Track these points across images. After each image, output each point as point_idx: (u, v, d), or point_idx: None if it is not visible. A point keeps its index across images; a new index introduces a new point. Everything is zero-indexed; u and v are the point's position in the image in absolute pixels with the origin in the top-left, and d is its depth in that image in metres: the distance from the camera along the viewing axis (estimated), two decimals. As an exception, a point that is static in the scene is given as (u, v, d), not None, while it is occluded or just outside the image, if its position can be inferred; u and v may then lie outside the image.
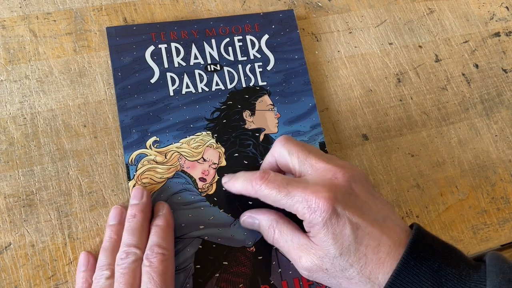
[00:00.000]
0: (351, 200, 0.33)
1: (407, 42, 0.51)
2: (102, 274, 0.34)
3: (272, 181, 0.34)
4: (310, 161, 0.35)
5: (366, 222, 0.32)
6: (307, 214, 0.33)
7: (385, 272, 0.31)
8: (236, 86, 0.44)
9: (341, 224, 0.32)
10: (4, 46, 0.43)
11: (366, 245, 0.32)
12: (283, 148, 0.36)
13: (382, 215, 0.34)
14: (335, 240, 0.32)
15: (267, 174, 0.35)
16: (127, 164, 0.40)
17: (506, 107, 0.50)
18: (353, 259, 0.32)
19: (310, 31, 0.49)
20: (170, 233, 0.36)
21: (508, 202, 0.46)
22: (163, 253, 0.34)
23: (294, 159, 0.36)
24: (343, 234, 0.32)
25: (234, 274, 0.38)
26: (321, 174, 0.34)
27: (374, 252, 0.32)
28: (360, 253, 0.32)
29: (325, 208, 0.32)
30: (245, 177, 0.36)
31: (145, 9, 0.46)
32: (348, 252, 0.32)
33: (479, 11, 0.54)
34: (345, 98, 0.47)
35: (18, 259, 0.37)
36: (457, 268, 0.31)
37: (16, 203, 0.38)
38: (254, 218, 0.37)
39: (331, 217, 0.32)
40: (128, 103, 0.42)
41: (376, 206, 0.34)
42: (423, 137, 0.47)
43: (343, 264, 0.32)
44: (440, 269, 0.31)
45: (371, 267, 0.32)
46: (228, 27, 0.46)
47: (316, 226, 0.32)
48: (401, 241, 0.32)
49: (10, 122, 0.40)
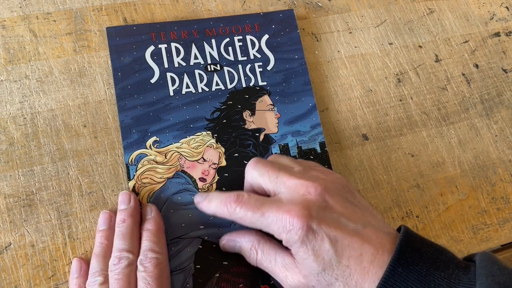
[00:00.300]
0: (326, 215, 0.33)
1: (407, 42, 0.51)
2: (96, 280, 0.34)
3: (246, 203, 0.34)
4: (281, 179, 0.35)
5: (345, 234, 0.32)
6: (283, 234, 0.32)
7: (371, 281, 0.31)
8: (236, 86, 0.44)
9: (319, 240, 0.32)
10: (4, 46, 0.43)
11: (348, 257, 0.31)
12: (254, 170, 0.36)
13: (362, 222, 0.33)
14: (316, 256, 0.32)
15: (241, 197, 0.34)
16: (127, 164, 0.40)
17: (506, 107, 0.50)
18: (337, 272, 0.31)
19: (310, 31, 0.49)
20: (162, 236, 0.36)
21: (508, 202, 0.46)
22: (157, 257, 0.34)
23: (266, 180, 0.35)
24: (323, 249, 0.32)
25: (234, 274, 0.38)
26: (294, 191, 0.34)
27: (357, 263, 0.31)
28: (343, 265, 0.31)
29: (300, 226, 0.32)
30: (219, 199, 0.35)
31: (145, 9, 0.46)
32: (331, 266, 0.31)
33: (479, 11, 0.54)
34: (345, 98, 0.47)
35: (18, 259, 0.37)
36: (446, 271, 0.31)
37: (16, 203, 0.38)
38: (235, 241, 0.37)
39: (307, 234, 0.32)
40: (128, 103, 0.42)
41: (354, 215, 0.33)
42: (423, 137, 0.47)
43: (328, 279, 0.32)
44: (428, 274, 0.30)
45: (356, 278, 0.31)
46: (228, 27, 0.46)
47: (294, 245, 0.32)
48: (385, 247, 0.32)
49: (10, 122, 0.40)
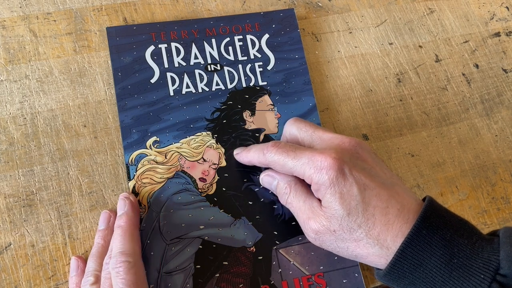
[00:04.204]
0: (358, 163, 0.34)
1: (407, 42, 0.51)
2: (87, 280, 0.35)
3: (282, 147, 0.35)
4: (318, 133, 0.36)
5: (374, 184, 0.33)
6: (314, 175, 0.33)
7: (393, 235, 0.31)
8: (236, 86, 0.44)
9: (348, 184, 0.32)
10: (4, 46, 0.42)
11: (374, 206, 0.32)
12: (292, 126, 0.38)
13: (391, 181, 0.34)
14: (342, 199, 0.32)
15: (278, 143, 0.36)
16: (127, 164, 0.40)
17: (506, 107, 0.50)
18: (361, 219, 0.32)
19: (310, 31, 0.49)
20: (134, 233, 0.36)
21: (508, 202, 0.46)
22: (128, 261, 0.33)
23: (303, 134, 0.37)
24: (350, 194, 0.32)
25: (234, 274, 0.38)
26: (329, 141, 0.35)
27: (382, 214, 0.32)
28: (368, 213, 0.32)
29: (331, 167, 0.32)
30: (257, 146, 0.38)
31: (145, 9, 0.46)
32: (356, 212, 0.32)
33: (479, 11, 0.54)
34: (345, 98, 0.47)
35: (18, 259, 0.37)
36: (470, 239, 0.31)
37: (16, 203, 0.38)
38: (274, 177, 0.38)
39: (338, 176, 0.32)
40: (128, 103, 0.42)
41: (384, 174, 0.34)
42: (423, 137, 0.47)
43: (351, 225, 0.32)
44: (452, 239, 0.31)
45: (380, 229, 0.32)
46: (228, 26, 0.46)
47: (323, 186, 0.33)
48: (411, 208, 0.32)
49: (10, 122, 0.40)
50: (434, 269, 0.30)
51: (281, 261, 0.39)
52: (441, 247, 0.30)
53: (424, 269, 0.30)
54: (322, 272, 0.39)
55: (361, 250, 0.33)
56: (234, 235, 0.39)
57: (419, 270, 0.31)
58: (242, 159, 0.40)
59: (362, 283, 0.39)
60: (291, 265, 0.39)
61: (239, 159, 0.40)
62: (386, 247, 0.32)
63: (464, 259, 0.30)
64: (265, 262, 0.38)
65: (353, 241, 0.33)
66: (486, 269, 0.29)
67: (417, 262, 0.31)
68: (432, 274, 0.30)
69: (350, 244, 0.33)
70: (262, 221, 0.40)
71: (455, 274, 0.30)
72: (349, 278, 0.39)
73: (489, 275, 0.29)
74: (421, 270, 0.30)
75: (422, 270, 0.30)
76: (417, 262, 0.31)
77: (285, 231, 0.40)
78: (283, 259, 0.39)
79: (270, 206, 0.40)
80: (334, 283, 0.38)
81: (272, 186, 0.38)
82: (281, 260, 0.39)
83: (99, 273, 0.35)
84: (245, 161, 0.39)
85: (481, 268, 0.30)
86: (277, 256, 0.39)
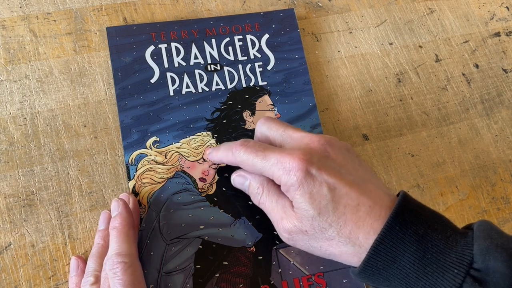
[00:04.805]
0: (327, 163, 0.33)
1: (407, 42, 0.51)
2: (87, 281, 0.35)
3: (251, 147, 0.35)
4: (288, 132, 0.36)
5: (343, 183, 0.32)
6: (283, 176, 0.33)
7: (365, 232, 0.31)
8: (236, 86, 0.44)
9: (317, 184, 0.32)
10: (4, 46, 0.42)
11: (345, 205, 0.32)
12: (263, 126, 0.38)
13: (362, 178, 0.33)
14: (312, 199, 0.32)
15: (247, 142, 0.36)
16: (127, 164, 0.40)
17: (506, 107, 0.50)
18: (332, 218, 0.32)
19: (310, 31, 0.49)
20: (129, 233, 0.36)
21: (509, 202, 0.46)
22: (124, 261, 0.33)
23: (274, 133, 0.37)
24: (320, 194, 0.32)
25: (234, 274, 0.38)
26: (299, 140, 0.35)
27: (353, 212, 0.32)
28: (339, 212, 0.32)
29: (299, 168, 0.32)
30: (226, 145, 0.37)
31: (145, 9, 0.46)
32: (327, 211, 0.32)
33: (479, 11, 0.54)
34: (345, 98, 0.47)
35: (18, 259, 0.37)
36: (444, 234, 0.31)
37: (16, 203, 0.38)
38: (245, 177, 0.37)
39: (306, 177, 0.32)
40: (128, 103, 0.42)
41: (355, 171, 0.34)
42: (423, 137, 0.47)
43: (322, 224, 0.32)
44: (426, 234, 0.30)
45: (351, 227, 0.31)
46: (228, 26, 0.46)
47: (292, 188, 0.33)
48: (383, 204, 0.32)
49: (10, 122, 0.40)
50: (407, 265, 0.30)
51: (281, 261, 0.39)
52: (414, 242, 0.30)
53: (398, 266, 0.30)
54: (322, 272, 0.39)
55: (333, 249, 0.33)
56: (234, 235, 0.39)
57: (393, 267, 0.30)
58: (213, 158, 0.39)
59: (362, 283, 0.39)
60: (291, 265, 0.39)
61: (211, 158, 0.39)
62: (359, 245, 0.31)
63: (438, 254, 0.30)
64: (265, 262, 0.38)
65: (325, 240, 0.32)
66: (459, 264, 0.29)
67: (391, 258, 0.30)
68: (406, 270, 0.30)
69: (322, 243, 0.33)
70: (262, 221, 0.40)
71: (428, 270, 0.30)
72: (349, 278, 0.39)
73: (463, 269, 0.29)
74: (395, 266, 0.30)
75: (396, 266, 0.30)
76: (390, 258, 0.30)
77: (285, 231, 0.40)
78: (283, 259, 0.39)
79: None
80: (334, 283, 0.38)
81: (244, 186, 0.38)
82: (281, 260, 0.39)
83: (99, 273, 0.35)
84: (216, 160, 0.39)
85: (455, 263, 0.29)
86: (277, 256, 0.39)
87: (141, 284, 0.34)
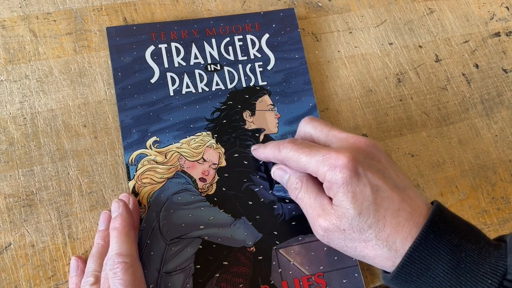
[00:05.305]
0: (372, 164, 0.33)
1: (407, 42, 0.51)
2: (87, 281, 0.35)
3: (298, 144, 0.35)
4: (334, 133, 0.36)
5: (387, 186, 0.32)
6: (328, 172, 0.33)
7: (403, 238, 0.31)
8: (236, 86, 0.44)
9: (361, 184, 0.32)
10: (4, 46, 0.42)
11: (386, 208, 0.32)
12: (307, 125, 0.38)
13: (403, 184, 0.34)
14: (355, 199, 0.32)
15: (295, 140, 0.36)
16: (127, 164, 0.40)
17: (506, 107, 0.50)
18: (372, 220, 0.32)
19: (310, 31, 0.49)
20: (129, 234, 0.36)
21: (508, 202, 0.46)
22: (125, 261, 0.34)
23: (319, 133, 0.37)
24: (363, 194, 0.32)
25: (234, 274, 0.38)
26: (344, 140, 0.35)
27: (393, 216, 0.32)
28: (380, 215, 0.32)
29: (346, 166, 0.32)
30: (274, 143, 0.38)
31: (145, 9, 0.46)
32: (368, 212, 0.32)
33: (479, 11, 0.54)
34: (345, 98, 0.47)
35: (18, 259, 0.37)
36: (477, 245, 0.31)
37: (16, 203, 0.38)
38: (285, 171, 0.37)
39: (352, 176, 0.32)
40: (128, 103, 0.42)
41: (397, 176, 0.34)
42: (423, 137, 0.47)
43: (361, 225, 0.32)
44: (460, 244, 0.31)
45: (389, 231, 0.32)
46: (228, 26, 0.46)
47: (335, 185, 0.32)
48: (422, 212, 0.32)
49: (10, 122, 0.40)
50: (441, 273, 0.30)
51: (281, 261, 0.39)
52: (448, 252, 0.30)
53: (432, 274, 0.30)
54: (322, 272, 0.39)
55: (369, 251, 0.33)
56: (234, 235, 0.39)
57: (426, 275, 0.31)
58: (259, 155, 0.40)
59: (362, 283, 0.39)
60: (291, 265, 0.39)
61: (256, 154, 0.40)
62: (395, 249, 0.32)
63: (472, 264, 0.30)
64: (265, 262, 0.38)
65: (362, 242, 0.33)
66: (493, 274, 0.29)
67: (425, 266, 0.31)
68: (439, 279, 0.30)
69: (358, 244, 0.33)
70: (262, 221, 0.40)
71: (462, 279, 0.30)
72: (349, 278, 0.39)
73: (497, 280, 0.29)
74: (429, 275, 0.30)
75: (429, 275, 0.30)
76: (424, 266, 0.31)
77: (285, 231, 0.40)
78: (283, 259, 0.39)
79: (270, 206, 0.40)
80: (334, 283, 0.38)
81: (284, 180, 0.38)
82: (281, 260, 0.39)
83: (99, 274, 0.35)
84: (262, 157, 0.40)
85: (489, 273, 0.30)
86: (277, 256, 0.39)
87: (141, 284, 0.34)
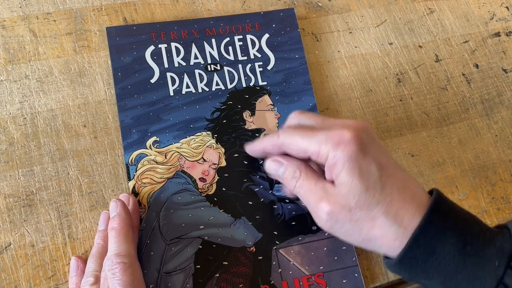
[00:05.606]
0: (375, 143, 0.33)
1: (407, 42, 0.50)
2: (87, 281, 0.35)
3: (298, 127, 0.35)
4: (329, 120, 0.35)
5: (390, 164, 0.32)
6: (331, 150, 0.32)
7: (411, 214, 0.31)
8: (236, 86, 0.44)
9: (367, 161, 0.31)
10: (4, 46, 0.42)
11: (391, 185, 0.31)
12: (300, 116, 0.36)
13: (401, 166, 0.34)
14: (361, 174, 0.31)
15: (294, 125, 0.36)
16: (127, 164, 0.40)
17: (506, 107, 0.50)
18: (379, 195, 0.31)
19: (310, 31, 0.49)
20: (128, 234, 0.35)
21: (508, 202, 0.46)
22: (123, 262, 0.33)
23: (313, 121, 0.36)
24: (369, 170, 0.31)
25: (234, 274, 0.38)
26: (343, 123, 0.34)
27: (399, 193, 0.31)
28: (386, 191, 0.31)
29: (351, 141, 0.31)
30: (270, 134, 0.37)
31: (145, 9, 0.46)
32: (374, 188, 0.31)
33: (479, 11, 0.54)
34: (345, 98, 0.47)
35: (18, 259, 0.37)
36: (483, 226, 0.31)
37: (16, 203, 0.38)
38: (281, 163, 0.35)
39: (358, 151, 0.31)
40: (128, 103, 0.42)
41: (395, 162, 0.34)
42: (423, 137, 0.47)
43: (369, 201, 0.31)
44: (464, 227, 0.31)
45: (398, 205, 0.31)
46: (228, 26, 0.46)
47: (339, 162, 0.31)
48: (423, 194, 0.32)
49: (10, 122, 0.40)
50: (447, 256, 0.30)
51: (281, 261, 0.39)
52: (453, 234, 0.30)
53: (437, 257, 0.30)
54: (322, 272, 0.39)
55: (376, 231, 0.31)
56: (234, 235, 0.39)
57: (432, 258, 0.30)
58: (254, 148, 0.38)
59: (362, 283, 0.39)
60: (291, 265, 0.39)
61: (252, 149, 0.39)
62: (404, 227, 0.31)
63: (477, 246, 0.30)
64: (265, 262, 0.38)
65: (369, 221, 0.31)
66: (500, 256, 0.29)
67: (430, 249, 0.30)
68: (446, 262, 0.30)
69: (365, 225, 0.32)
70: (262, 221, 0.40)
71: (468, 262, 0.30)
72: (349, 278, 0.39)
73: (504, 261, 0.29)
74: (434, 258, 0.30)
75: (435, 257, 0.30)
76: (430, 249, 0.30)
77: (285, 231, 0.40)
78: (283, 259, 0.39)
79: (270, 206, 0.40)
80: (334, 283, 0.38)
81: (279, 172, 0.36)
82: (281, 260, 0.39)
83: (99, 274, 0.35)
84: (258, 149, 0.38)
85: (495, 255, 0.30)
86: (277, 256, 0.39)
87: (140, 284, 0.34)
